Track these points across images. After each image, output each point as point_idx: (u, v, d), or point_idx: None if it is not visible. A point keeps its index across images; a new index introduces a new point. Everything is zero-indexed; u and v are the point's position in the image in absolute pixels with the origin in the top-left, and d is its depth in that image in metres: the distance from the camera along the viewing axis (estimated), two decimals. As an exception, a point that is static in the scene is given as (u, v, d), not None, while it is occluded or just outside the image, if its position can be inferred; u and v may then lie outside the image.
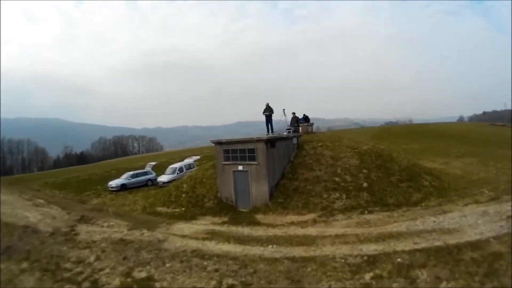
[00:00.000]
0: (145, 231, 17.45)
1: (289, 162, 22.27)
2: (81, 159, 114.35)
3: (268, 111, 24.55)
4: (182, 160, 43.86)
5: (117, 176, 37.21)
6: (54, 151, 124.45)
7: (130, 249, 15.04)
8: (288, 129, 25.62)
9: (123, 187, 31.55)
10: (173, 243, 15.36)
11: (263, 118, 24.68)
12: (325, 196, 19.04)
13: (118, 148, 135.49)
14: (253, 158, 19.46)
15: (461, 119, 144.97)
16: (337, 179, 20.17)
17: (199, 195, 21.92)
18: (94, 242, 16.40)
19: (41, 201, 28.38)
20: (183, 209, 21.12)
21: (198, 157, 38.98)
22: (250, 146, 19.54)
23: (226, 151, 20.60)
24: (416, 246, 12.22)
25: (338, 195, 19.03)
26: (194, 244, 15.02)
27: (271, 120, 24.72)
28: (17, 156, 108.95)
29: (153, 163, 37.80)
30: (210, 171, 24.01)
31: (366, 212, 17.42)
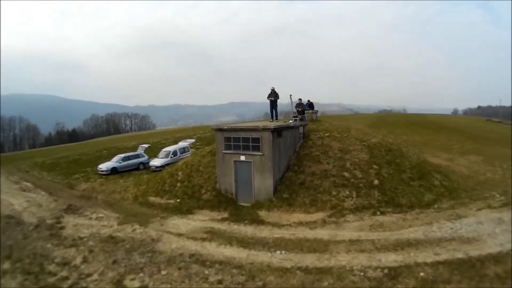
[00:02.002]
0: (137, 226, 15.72)
1: (295, 153, 20.34)
2: (73, 136, 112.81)
3: (273, 96, 22.22)
4: (175, 141, 42.04)
5: (108, 156, 35.64)
6: (46, 128, 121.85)
7: (121, 249, 13.29)
8: (294, 117, 23.38)
9: (113, 171, 29.36)
10: (168, 243, 13.62)
11: (256, 98, 22.72)
12: (334, 193, 17.25)
13: (111, 126, 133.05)
14: (257, 148, 17.47)
15: (455, 112, 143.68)
16: (346, 174, 18.35)
17: (195, 185, 19.91)
18: (81, 239, 14.68)
19: (29, 184, 26.82)
20: (178, 200, 19.15)
21: (193, 140, 36.79)
22: (255, 135, 17.48)
23: (228, 139, 18.51)
24: (437, 258, 11.24)
25: (348, 192, 17.27)
26: (192, 245, 13.28)
27: (276, 106, 22.57)
28: (9, 133, 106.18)
29: (146, 145, 35.40)
30: (208, 158, 21.96)
31: (378, 213, 15.86)
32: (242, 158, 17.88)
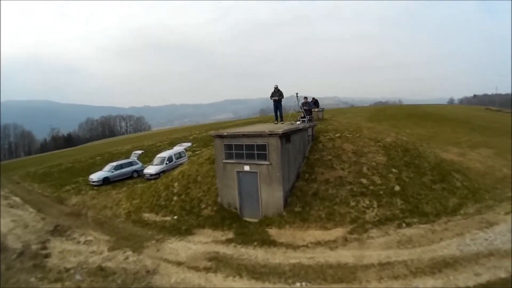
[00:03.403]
0: (129, 253, 13.44)
1: (304, 158, 17.89)
2: (68, 141, 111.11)
3: (277, 95, 19.59)
4: (171, 143, 39.78)
5: (102, 163, 33.31)
6: (42, 134, 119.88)
7: (112, 284, 11.06)
8: (302, 117, 20.73)
9: (105, 181, 26.93)
10: (166, 276, 11.36)
11: (251, 95, 20.14)
12: (352, 203, 14.94)
13: (106, 129, 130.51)
14: (263, 157, 15.02)
15: (451, 101, 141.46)
16: (364, 180, 16.05)
17: (194, 198, 17.45)
18: (67, 270, 12.46)
19: (17, 199, 24.74)
20: (175, 217, 16.72)
21: (189, 144, 34.15)
22: (260, 141, 15.02)
23: (229, 147, 16.06)
24: (479, 279, 9.82)
25: (368, 202, 15.00)
26: (194, 278, 11.05)
27: (281, 106, 20.09)
28: (4, 141, 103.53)
29: (139, 151, 32.75)
30: (206, 166, 19.50)
31: (403, 225, 13.74)
32: (246, 168, 15.42)
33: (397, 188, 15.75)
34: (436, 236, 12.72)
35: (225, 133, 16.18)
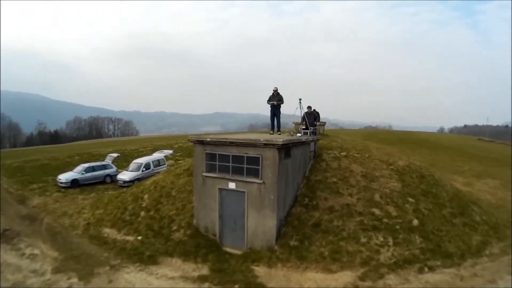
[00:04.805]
0: (75, 279, 10.18)
1: (304, 178, 14.27)
2: (55, 138, 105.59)
3: (276, 100, 15.73)
4: (154, 150, 36.02)
5: (79, 163, 28.91)
6: (29, 128, 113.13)
7: None
8: (304, 129, 16.90)
9: (74, 183, 23.16)
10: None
11: (241, 110, 16.29)
12: (363, 239, 11.46)
13: (93, 129, 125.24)
14: (255, 173, 11.40)
15: (441, 130, 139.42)
16: (376, 211, 12.60)
17: (164, 217, 13.70)
18: None
19: None
20: (140, 238, 12.99)
21: (170, 151, 30.24)
22: (253, 152, 11.40)
23: (211, 157, 12.39)
24: None
25: (382, 238, 11.58)
26: None
27: (279, 113, 16.24)
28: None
29: (115, 154, 28.70)
30: (184, 179, 15.79)
31: (426, 269, 10.59)
32: (232, 185, 11.73)
33: (415, 222, 12.49)
34: (465, 283, 10.04)
35: (208, 139, 12.42)
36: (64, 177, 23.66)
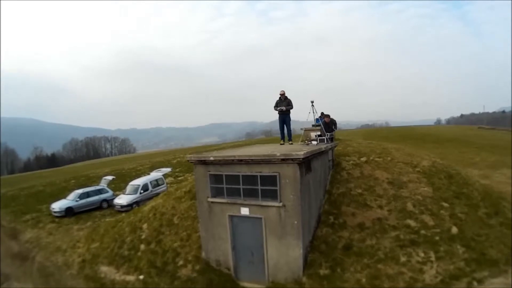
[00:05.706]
0: None
1: (325, 193, 12.24)
2: (52, 161, 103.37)
3: (285, 105, 13.57)
4: (153, 168, 34.05)
5: (75, 188, 27.61)
6: (26, 153, 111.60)
7: None
8: (319, 135, 14.42)
9: (68, 212, 21.38)
10: None
11: (237, 119, 14.36)
12: (403, 258, 9.56)
13: (90, 150, 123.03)
14: (272, 195, 9.35)
15: (438, 122, 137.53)
16: (411, 222, 10.72)
17: (168, 250, 11.67)
18: None
19: None
20: (141, 277, 11.01)
21: (168, 169, 28.09)
22: (268, 170, 9.34)
23: (217, 179, 10.35)
24: None
25: (423, 254, 9.72)
26: None
27: (289, 120, 14.05)
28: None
29: (110, 177, 26.63)
30: (186, 203, 13.74)
31: (474, 283, 8.87)
32: (244, 211, 9.71)
33: (454, 230, 10.68)
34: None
35: (211, 158, 10.29)
36: (58, 205, 21.95)
